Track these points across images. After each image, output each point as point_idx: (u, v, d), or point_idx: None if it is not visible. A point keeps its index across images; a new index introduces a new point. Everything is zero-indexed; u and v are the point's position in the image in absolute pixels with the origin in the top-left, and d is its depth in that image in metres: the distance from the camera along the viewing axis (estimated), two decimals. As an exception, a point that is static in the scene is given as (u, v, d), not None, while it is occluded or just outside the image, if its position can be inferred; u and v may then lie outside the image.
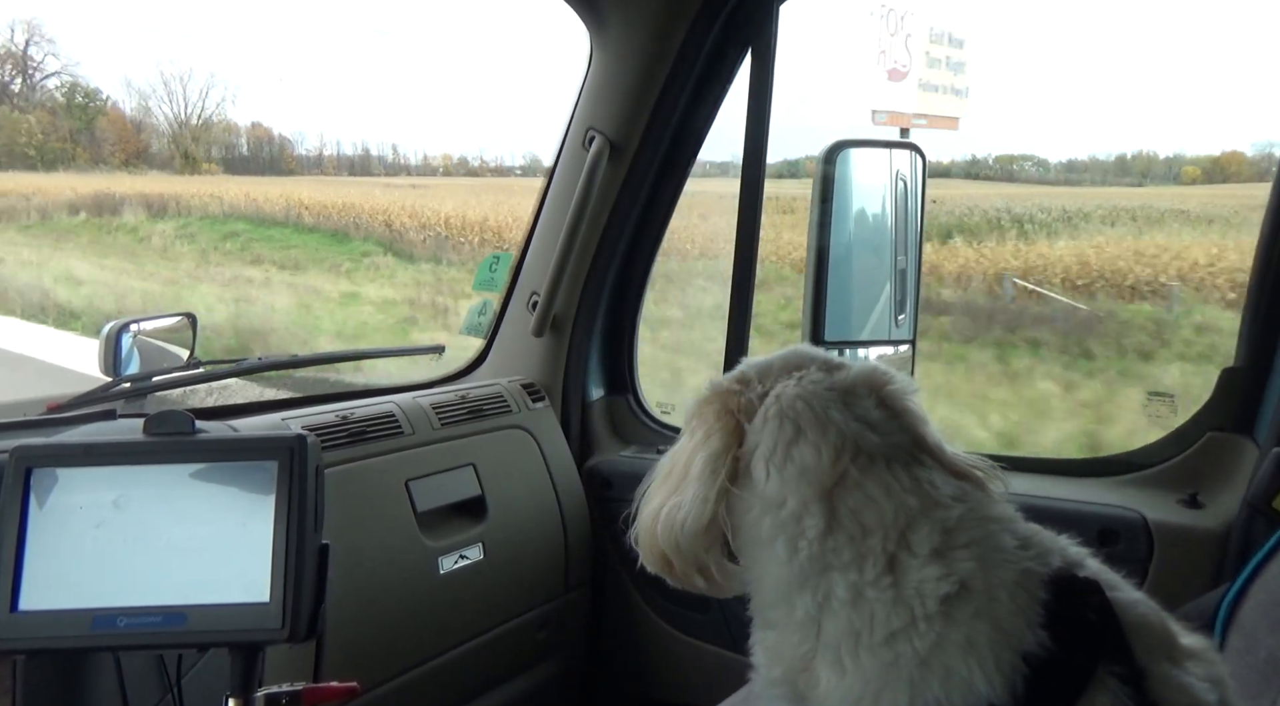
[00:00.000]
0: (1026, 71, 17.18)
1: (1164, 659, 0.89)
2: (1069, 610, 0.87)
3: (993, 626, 0.86)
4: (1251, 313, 1.68)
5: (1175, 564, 1.63)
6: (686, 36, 1.95)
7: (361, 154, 22.13)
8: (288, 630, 1.01)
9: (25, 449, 1.04)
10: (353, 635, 1.61)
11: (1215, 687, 0.90)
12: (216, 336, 9.48)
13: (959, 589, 0.87)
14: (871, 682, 0.88)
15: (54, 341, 9.97)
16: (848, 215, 2.09)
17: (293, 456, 1.04)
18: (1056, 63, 18.51)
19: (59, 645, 1.01)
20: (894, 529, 0.92)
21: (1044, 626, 0.86)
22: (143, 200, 17.04)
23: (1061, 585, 0.89)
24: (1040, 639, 0.85)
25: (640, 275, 2.26)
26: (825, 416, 0.98)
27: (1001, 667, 0.84)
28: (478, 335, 2.34)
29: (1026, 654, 0.84)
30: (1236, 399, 1.70)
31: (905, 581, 0.89)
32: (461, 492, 1.89)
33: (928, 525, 0.92)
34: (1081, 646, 0.85)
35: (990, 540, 0.92)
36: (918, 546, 0.91)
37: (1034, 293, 8.22)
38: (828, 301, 2.04)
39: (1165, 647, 0.90)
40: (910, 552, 0.90)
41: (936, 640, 0.86)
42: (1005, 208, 10.74)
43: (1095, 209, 10.69)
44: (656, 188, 2.14)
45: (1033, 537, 0.94)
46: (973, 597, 0.87)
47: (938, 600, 0.87)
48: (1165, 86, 17.36)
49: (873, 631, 0.88)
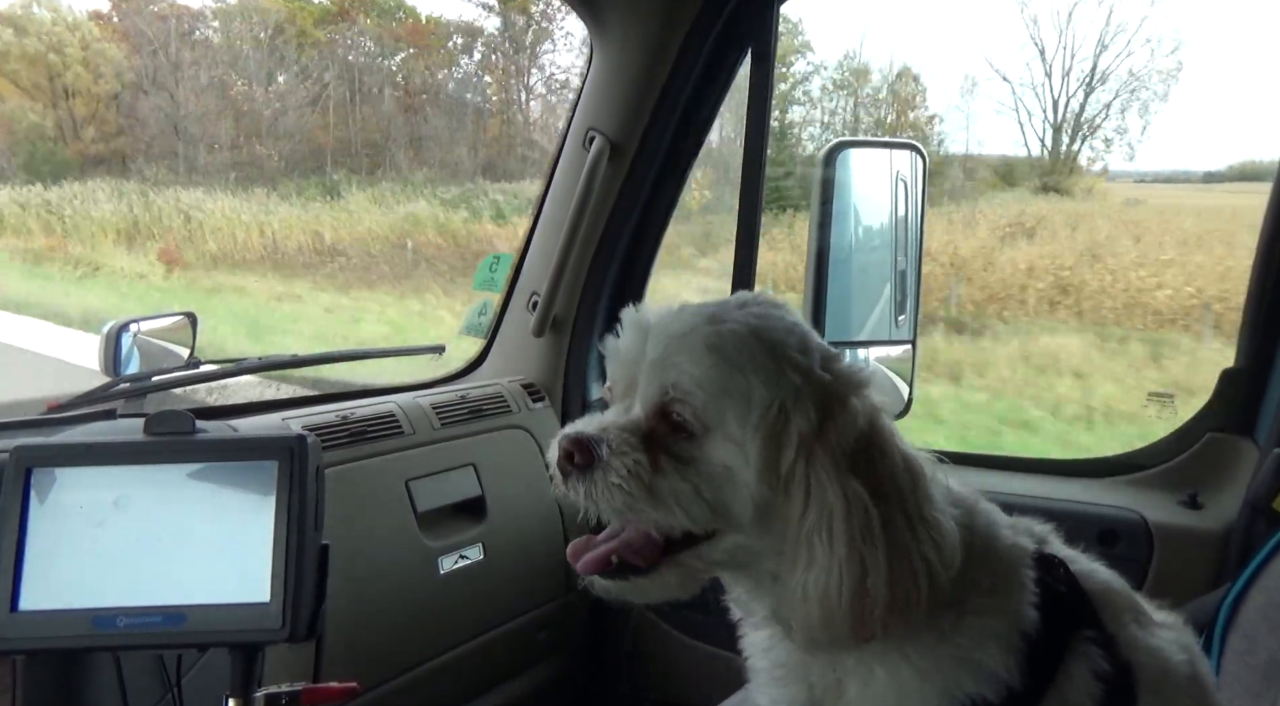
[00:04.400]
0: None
1: (1132, 622, 0.92)
2: (1048, 585, 0.90)
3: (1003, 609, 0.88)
4: (1251, 314, 1.69)
5: (1175, 565, 1.63)
6: (687, 37, 1.95)
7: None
8: (288, 630, 1.01)
9: (26, 448, 1.04)
10: (353, 635, 1.61)
11: (1186, 651, 0.93)
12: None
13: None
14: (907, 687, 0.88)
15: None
16: (848, 216, 2.08)
17: (293, 456, 1.04)
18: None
19: (59, 645, 1.01)
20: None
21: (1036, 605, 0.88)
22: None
23: (1040, 562, 0.92)
24: (1034, 616, 0.87)
25: (641, 275, 2.26)
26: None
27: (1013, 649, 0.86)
28: (478, 335, 2.34)
29: (1024, 632, 0.87)
30: (1237, 400, 1.70)
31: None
32: (462, 493, 1.89)
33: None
34: (1060, 618, 0.88)
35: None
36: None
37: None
38: (828, 302, 2.04)
39: (1132, 611, 0.94)
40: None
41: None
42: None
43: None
44: (657, 188, 2.14)
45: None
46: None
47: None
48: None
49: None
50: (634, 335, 0.94)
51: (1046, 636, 0.86)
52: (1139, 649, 0.89)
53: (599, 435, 0.91)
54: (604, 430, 0.92)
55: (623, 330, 0.96)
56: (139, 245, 15.29)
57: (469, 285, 2.38)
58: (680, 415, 0.89)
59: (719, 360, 0.87)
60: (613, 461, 0.90)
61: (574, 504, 0.92)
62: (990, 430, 7.12)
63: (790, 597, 0.86)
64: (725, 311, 0.92)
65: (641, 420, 0.91)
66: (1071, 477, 1.85)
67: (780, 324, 0.92)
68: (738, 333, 0.89)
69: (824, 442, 0.86)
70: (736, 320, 0.90)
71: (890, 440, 0.88)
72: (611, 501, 0.89)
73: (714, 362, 0.87)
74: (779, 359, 0.88)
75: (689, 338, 0.89)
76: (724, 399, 0.87)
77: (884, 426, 0.89)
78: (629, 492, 0.89)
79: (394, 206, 15.93)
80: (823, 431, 0.86)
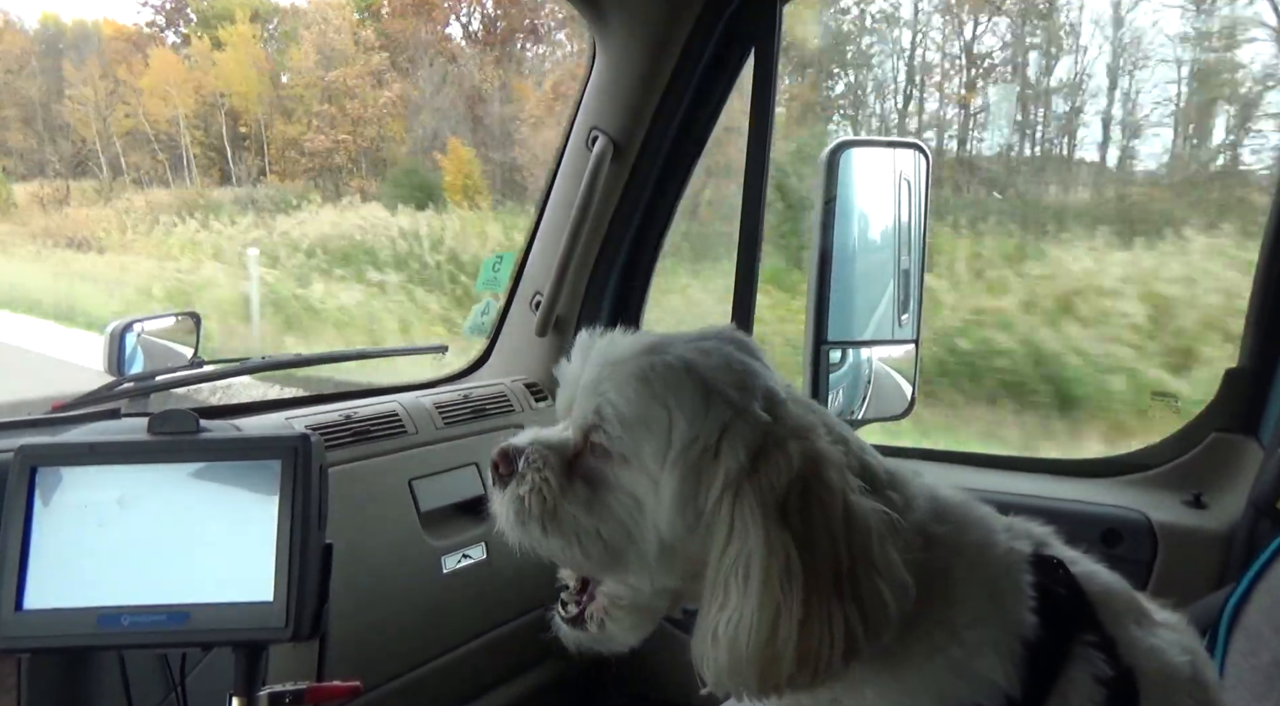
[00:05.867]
0: None
1: (1132, 624, 0.91)
2: (1047, 589, 0.88)
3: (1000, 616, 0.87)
4: (1256, 314, 1.68)
5: (1179, 565, 1.63)
6: (689, 36, 1.95)
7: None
8: (291, 629, 1.01)
9: (30, 448, 1.04)
10: (356, 634, 1.61)
11: (1187, 652, 0.91)
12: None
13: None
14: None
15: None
16: (851, 215, 2.08)
17: (296, 455, 1.05)
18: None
19: (63, 643, 1.02)
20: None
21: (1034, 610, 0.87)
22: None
23: (1038, 565, 0.91)
24: (1033, 621, 0.86)
25: (644, 275, 2.26)
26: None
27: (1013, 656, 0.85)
28: (481, 335, 2.34)
29: (1023, 638, 0.85)
30: (1241, 400, 1.69)
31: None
32: (465, 492, 1.89)
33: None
34: (1060, 622, 0.87)
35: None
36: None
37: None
38: (831, 302, 2.03)
39: (1132, 613, 0.92)
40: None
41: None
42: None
43: None
44: (659, 187, 2.14)
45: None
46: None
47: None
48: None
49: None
50: (579, 358, 0.95)
51: (1046, 641, 0.85)
52: (1139, 651, 0.88)
53: (524, 448, 0.92)
54: (532, 443, 0.92)
55: (573, 352, 0.97)
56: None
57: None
58: (599, 442, 0.89)
59: (643, 391, 0.87)
60: (527, 474, 0.90)
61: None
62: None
63: (702, 638, 0.84)
64: (670, 343, 0.91)
65: (569, 441, 0.92)
66: (1074, 477, 1.84)
67: (722, 360, 0.90)
68: (670, 365, 0.88)
69: (754, 483, 0.82)
70: (676, 353, 0.89)
71: (833, 491, 0.82)
72: (511, 514, 0.91)
73: (638, 393, 0.87)
74: (709, 394, 0.86)
75: (621, 366, 0.89)
76: (642, 430, 0.86)
77: (828, 476, 0.83)
78: (528, 508, 0.90)
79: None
80: (754, 472, 0.83)
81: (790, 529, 0.80)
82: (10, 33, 20.80)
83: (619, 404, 0.87)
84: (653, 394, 0.86)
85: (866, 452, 0.92)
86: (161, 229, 16.29)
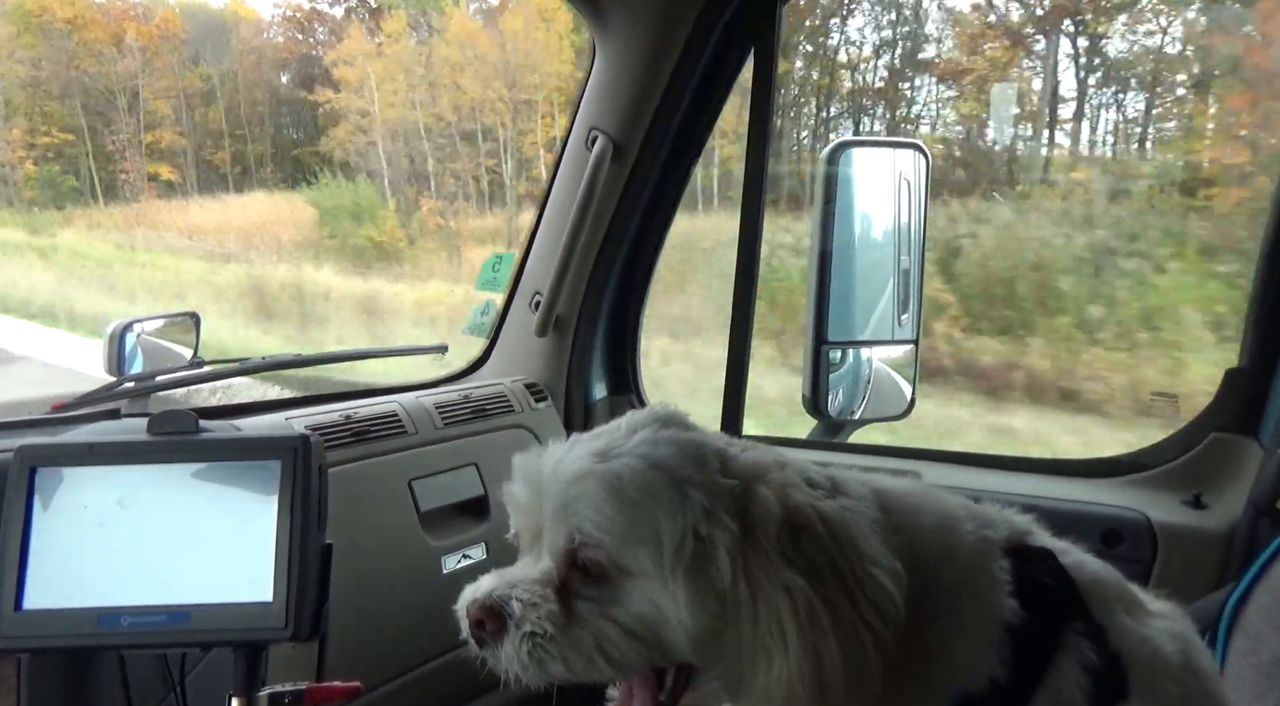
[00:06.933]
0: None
1: (1122, 612, 0.92)
2: (1030, 576, 0.89)
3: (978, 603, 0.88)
4: (1256, 313, 1.68)
5: (1179, 565, 1.63)
6: (689, 37, 1.95)
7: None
8: (291, 629, 1.01)
9: (30, 448, 1.04)
10: (356, 634, 1.61)
11: (1178, 640, 0.92)
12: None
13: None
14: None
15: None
16: (851, 215, 2.08)
17: (296, 456, 1.05)
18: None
19: (63, 644, 1.02)
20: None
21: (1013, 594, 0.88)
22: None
23: (1017, 553, 0.92)
24: (1012, 605, 0.87)
25: (643, 275, 2.26)
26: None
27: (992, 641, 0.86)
28: (481, 335, 2.34)
29: (1004, 622, 0.86)
30: (1241, 400, 1.69)
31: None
32: (465, 492, 1.89)
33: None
34: (1048, 610, 0.88)
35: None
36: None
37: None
38: (831, 301, 2.04)
39: (1122, 601, 0.93)
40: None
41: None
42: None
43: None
44: (659, 187, 2.14)
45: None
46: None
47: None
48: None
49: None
50: (528, 483, 0.94)
51: (1033, 628, 0.86)
52: (1129, 639, 0.89)
53: (507, 592, 0.91)
54: (513, 586, 0.92)
55: (515, 478, 0.96)
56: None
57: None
58: (590, 559, 0.88)
59: (619, 502, 0.86)
60: (527, 614, 0.90)
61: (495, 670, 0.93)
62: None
63: (758, 702, 0.86)
64: (615, 444, 0.91)
65: (552, 569, 0.91)
66: (1074, 477, 1.84)
67: (671, 446, 0.90)
68: (633, 468, 0.88)
69: (753, 546, 0.84)
70: (629, 453, 0.89)
71: (806, 513, 0.85)
72: (524, 655, 0.89)
73: (615, 505, 0.86)
74: (679, 485, 0.87)
75: (585, 482, 0.88)
76: (634, 540, 0.86)
77: (796, 501, 0.86)
78: (542, 644, 0.88)
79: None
80: (747, 535, 0.84)
81: (796, 567, 0.82)
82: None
83: (601, 521, 0.87)
84: (631, 502, 0.86)
85: (808, 469, 0.94)
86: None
